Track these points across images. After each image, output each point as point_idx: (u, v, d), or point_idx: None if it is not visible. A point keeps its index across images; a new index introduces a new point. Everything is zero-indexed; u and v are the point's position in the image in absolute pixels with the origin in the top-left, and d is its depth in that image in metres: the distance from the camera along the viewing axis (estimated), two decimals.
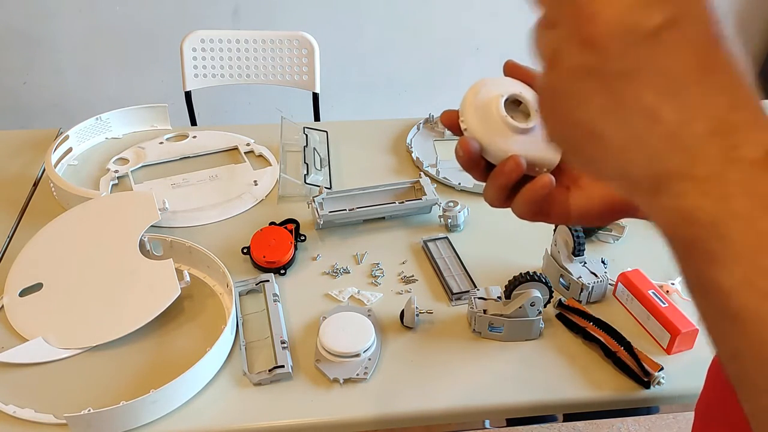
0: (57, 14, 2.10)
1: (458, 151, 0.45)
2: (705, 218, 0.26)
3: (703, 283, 0.26)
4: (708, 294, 0.26)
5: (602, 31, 0.26)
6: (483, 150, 0.45)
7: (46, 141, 1.26)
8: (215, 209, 1.10)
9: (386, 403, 0.78)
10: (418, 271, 0.97)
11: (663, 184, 0.27)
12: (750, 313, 0.25)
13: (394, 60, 2.36)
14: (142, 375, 0.81)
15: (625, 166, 0.28)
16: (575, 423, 1.74)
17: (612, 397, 0.79)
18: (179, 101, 1.72)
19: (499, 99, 0.45)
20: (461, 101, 0.47)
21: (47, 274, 0.93)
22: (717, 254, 0.25)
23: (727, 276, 0.25)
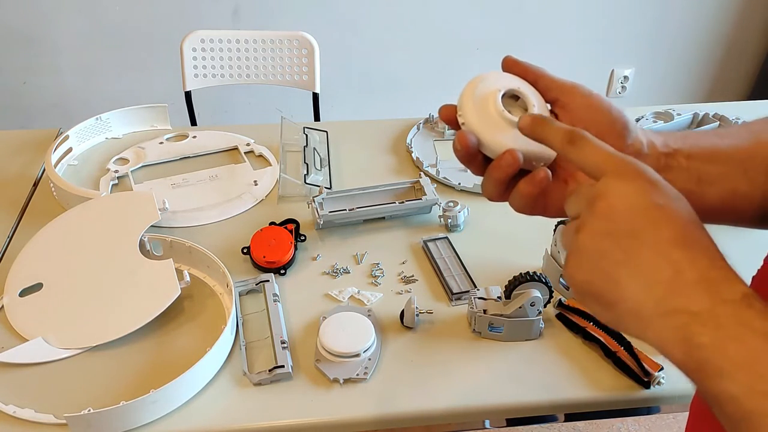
0: (57, 14, 2.10)
1: (456, 145, 0.46)
2: (708, 342, 0.34)
3: (715, 394, 0.34)
4: (721, 402, 0.34)
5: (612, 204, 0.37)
6: (480, 144, 0.46)
7: (46, 141, 1.26)
8: (215, 209, 1.10)
9: (386, 403, 0.78)
10: (418, 271, 0.97)
11: (669, 320, 0.35)
12: (757, 411, 0.32)
13: (394, 60, 2.36)
14: (142, 375, 0.81)
15: (636, 308, 0.36)
16: (575, 423, 1.74)
17: (612, 397, 0.79)
18: (179, 101, 1.72)
19: (497, 94, 0.46)
20: (459, 96, 0.47)
21: (47, 274, 0.93)
22: (723, 368, 0.33)
23: (733, 384, 0.33)
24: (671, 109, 1.32)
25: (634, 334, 0.37)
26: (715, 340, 0.34)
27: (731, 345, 0.33)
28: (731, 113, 1.29)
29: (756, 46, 2.52)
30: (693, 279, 0.35)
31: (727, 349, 0.33)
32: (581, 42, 2.41)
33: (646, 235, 0.36)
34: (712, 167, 0.47)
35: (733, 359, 0.33)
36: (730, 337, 0.33)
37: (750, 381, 0.33)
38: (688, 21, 2.42)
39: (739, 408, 0.33)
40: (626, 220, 0.36)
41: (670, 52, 2.50)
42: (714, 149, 0.48)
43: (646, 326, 0.36)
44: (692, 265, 0.35)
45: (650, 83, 2.56)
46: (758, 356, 0.33)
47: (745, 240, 0.56)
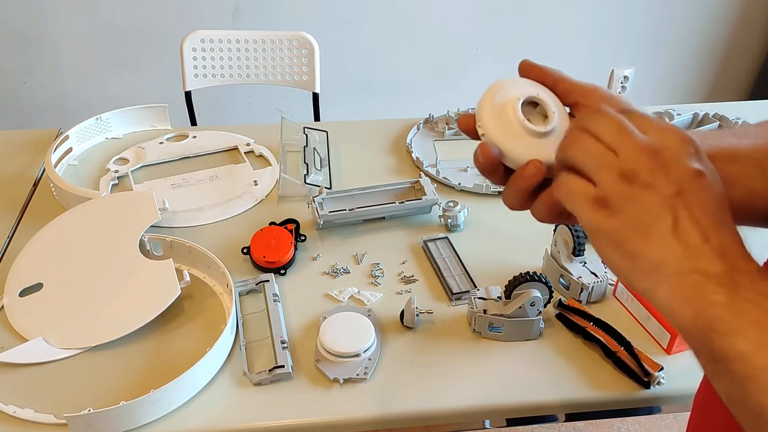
0: (57, 14, 2.10)
1: (478, 157, 0.45)
2: (722, 300, 0.35)
3: (723, 351, 0.35)
4: (728, 360, 0.34)
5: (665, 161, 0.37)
6: (502, 155, 0.44)
7: (46, 141, 1.26)
8: (215, 209, 1.09)
9: (386, 403, 0.78)
10: (418, 271, 0.97)
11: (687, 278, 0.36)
12: (766, 368, 0.33)
13: (394, 60, 2.36)
14: (142, 375, 0.81)
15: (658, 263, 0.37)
16: (575, 423, 1.74)
17: (612, 397, 0.79)
18: (179, 101, 1.72)
19: (516, 102, 0.44)
20: (477, 105, 0.46)
21: (47, 274, 0.93)
22: (735, 326, 0.34)
23: (744, 341, 0.34)
24: (671, 109, 1.32)
25: (645, 288, 0.38)
26: (730, 299, 0.35)
27: (745, 305, 0.35)
28: (731, 113, 1.29)
29: (756, 46, 2.52)
30: (716, 248, 0.36)
31: (740, 308, 0.35)
32: (581, 42, 2.41)
33: (690, 199, 0.37)
34: (731, 167, 0.47)
35: (746, 317, 0.34)
36: (745, 299, 0.35)
37: (761, 338, 0.34)
38: (688, 21, 2.42)
39: (747, 365, 0.34)
40: (676, 181, 0.37)
41: (670, 52, 2.50)
42: (733, 149, 0.48)
43: (662, 281, 0.37)
44: (717, 237, 0.36)
45: (650, 83, 2.56)
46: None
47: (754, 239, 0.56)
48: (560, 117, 0.46)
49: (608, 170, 0.38)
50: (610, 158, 0.38)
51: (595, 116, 0.39)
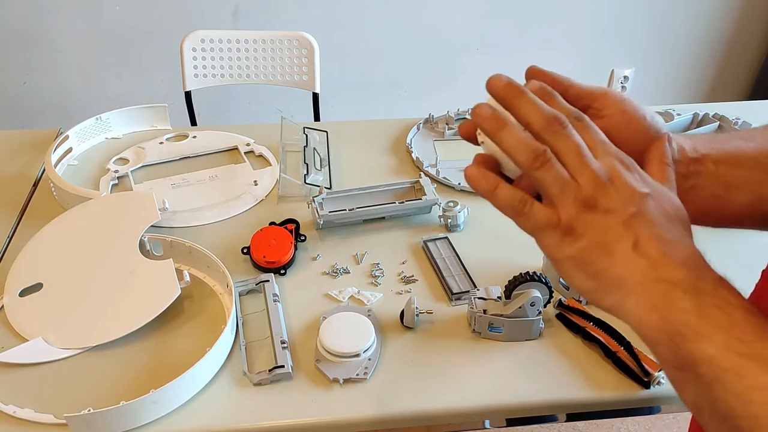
0: (57, 14, 2.10)
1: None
2: (689, 307, 0.36)
3: (691, 356, 0.36)
4: (696, 363, 0.36)
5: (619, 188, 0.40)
6: (500, 165, 0.45)
7: (46, 141, 1.26)
8: (215, 209, 1.09)
9: (386, 403, 0.78)
10: (418, 271, 0.97)
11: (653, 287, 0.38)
12: (732, 371, 0.34)
13: (394, 60, 2.36)
14: (142, 375, 0.81)
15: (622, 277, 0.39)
16: (575, 423, 1.74)
17: (612, 397, 0.79)
18: (179, 101, 1.73)
19: None
20: None
21: (47, 274, 0.93)
22: (702, 330, 0.35)
23: (711, 344, 0.35)
24: (671, 109, 1.32)
25: (611, 303, 0.40)
26: (696, 305, 0.36)
27: (711, 310, 0.36)
28: (731, 113, 1.29)
29: (756, 46, 2.52)
30: (678, 258, 0.38)
31: (706, 314, 0.36)
32: (581, 42, 2.41)
33: (645, 219, 0.39)
34: (738, 172, 0.47)
35: (712, 322, 0.36)
36: (710, 304, 0.36)
37: (728, 341, 0.35)
38: (688, 21, 2.42)
39: (715, 368, 0.35)
40: (631, 204, 0.39)
41: (670, 52, 2.50)
42: (740, 153, 0.48)
43: (628, 294, 0.39)
44: (676, 249, 0.39)
45: (650, 83, 2.56)
46: (736, 322, 0.35)
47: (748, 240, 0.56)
48: None
49: (572, 199, 0.40)
50: (572, 186, 0.40)
51: (558, 137, 0.41)
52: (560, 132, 0.40)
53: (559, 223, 0.40)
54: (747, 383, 0.34)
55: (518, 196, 0.42)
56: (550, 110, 0.41)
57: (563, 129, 0.40)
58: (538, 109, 0.41)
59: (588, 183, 0.40)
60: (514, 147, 0.41)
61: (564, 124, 0.40)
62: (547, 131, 0.41)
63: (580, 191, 0.40)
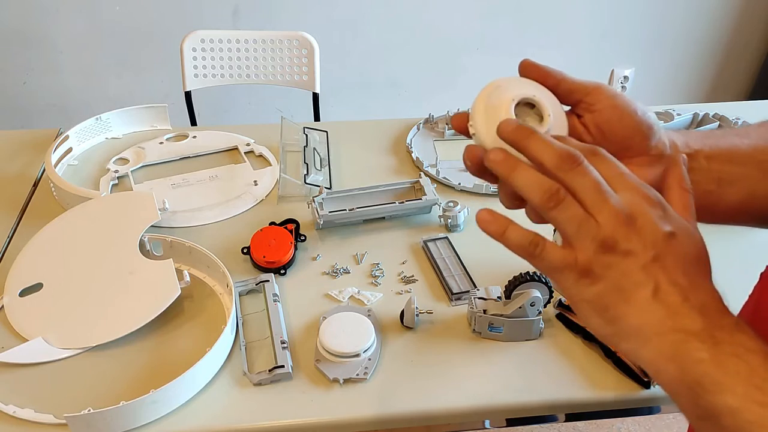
0: (57, 14, 2.10)
1: (465, 160, 0.45)
2: (707, 357, 0.36)
3: (713, 407, 0.35)
4: (719, 415, 0.35)
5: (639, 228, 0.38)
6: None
7: (46, 141, 1.26)
8: (215, 209, 1.09)
9: (386, 403, 0.78)
10: (418, 271, 0.97)
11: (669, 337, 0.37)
12: (757, 422, 0.34)
13: (394, 60, 2.36)
14: (142, 375, 0.81)
15: (640, 325, 0.38)
16: (575, 423, 1.74)
17: (612, 397, 0.79)
18: (179, 101, 1.73)
19: (510, 104, 0.43)
20: (472, 104, 0.45)
21: (47, 274, 0.93)
22: (722, 382, 0.35)
23: (732, 396, 0.34)
24: (671, 109, 1.32)
25: (629, 349, 0.39)
26: (714, 355, 0.36)
27: (729, 359, 0.35)
28: (731, 113, 1.29)
29: (756, 46, 2.52)
30: (696, 306, 0.37)
31: (725, 364, 0.35)
32: (581, 42, 2.41)
33: (667, 262, 0.38)
34: (731, 168, 0.47)
35: (731, 373, 0.35)
36: (728, 353, 0.36)
37: (748, 392, 0.34)
38: (688, 21, 2.42)
39: (738, 419, 0.34)
40: (652, 246, 0.38)
41: (670, 52, 2.50)
42: (734, 149, 0.48)
43: (645, 343, 0.38)
44: (695, 295, 0.38)
45: (650, 83, 2.56)
46: (755, 370, 0.35)
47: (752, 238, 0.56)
48: (556, 119, 0.45)
49: (590, 239, 0.38)
50: (591, 226, 0.38)
51: (572, 174, 0.39)
52: (575, 169, 0.39)
53: (575, 264, 0.39)
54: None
55: (529, 238, 0.40)
56: (563, 147, 0.39)
57: (578, 165, 0.39)
58: (550, 146, 0.39)
59: (607, 222, 0.38)
60: (527, 187, 0.39)
61: (579, 161, 0.39)
62: (561, 169, 0.39)
63: (599, 231, 0.38)
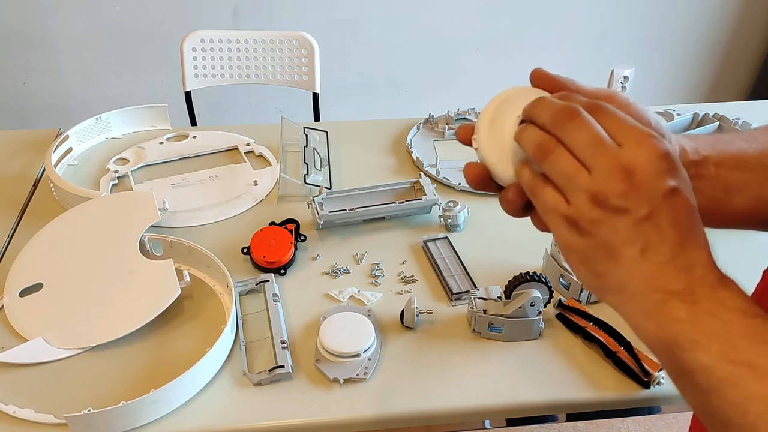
0: (57, 14, 2.10)
1: (466, 177, 0.45)
2: (684, 316, 0.36)
3: (687, 365, 0.36)
4: (692, 373, 0.36)
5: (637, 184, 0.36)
6: (491, 172, 0.44)
7: (46, 141, 1.26)
8: (215, 209, 1.10)
9: (386, 403, 0.78)
10: (418, 271, 0.97)
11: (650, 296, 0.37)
12: (728, 380, 0.34)
13: (394, 60, 2.36)
14: (142, 375, 0.81)
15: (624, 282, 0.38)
16: (575, 423, 1.74)
17: (612, 397, 0.79)
18: (179, 101, 1.73)
19: (516, 121, 0.43)
20: (479, 115, 0.45)
21: (47, 274, 0.93)
22: (697, 340, 0.35)
23: (706, 354, 0.35)
24: (671, 109, 1.32)
25: (612, 303, 0.40)
26: (691, 314, 0.36)
27: (706, 319, 0.36)
28: (731, 113, 1.29)
29: (756, 46, 2.52)
30: (683, 265, 0.37)
31: (701, 322, 0.36)
32: (581, 42, 2.41)
33: (661, 218, 0.37)
34: (739, 174, 0.47)
35: (707, 331, 0.35)
36: (705, 311, 0.36)
37: (722, 350, 0.35)
38: (688, 21, 2.42)
39: (711, 377, 0.35)
40: (647, 203, 0.36)
41: (670, 52, 2.50)
42: (741, 155, 0.48)
43: (627, 300, 0.38)
44: (686, 252, 0.37)
45: (650, 83, 2.56)
46: (730, 329, 0.35)
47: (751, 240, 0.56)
48: None
49: (579, 191, 0.38)
50: (582, 178, 0.37)
51: (567, 128, 0.38)
52: (570, 123, 0.38)
53: (566, 212, 0.38)
54: (743, 392, 0.34)
55: (535, 179, 0.40)
56: (562, 103, 0.39)
57: (572, 119, 0.38)
58: (549, 105, 0.39)
59: (600, 176, 0.37)
60: (525, 142, 0.40)
61: (574, 114, 0.38)
62: (555, 124, 0.38)
63: (590, 185, 0.37)
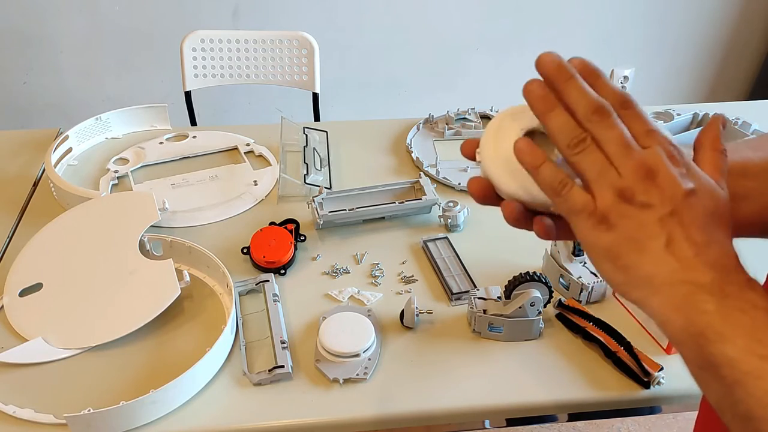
0: (57, 14, 2.10)
1: (470, 191, 0.46)
2: (712, 309, 0.36)
3: (713, 357, 0.36)
4: (718, 365, 0.36)
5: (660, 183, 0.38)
6: (495, 186, 0.44)
7: (46, 141, 1.27)
8: (215, 209, 1.09)
9: (386, 403, 0.78)
10: (418, 271, 0.97)
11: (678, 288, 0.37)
12: (753, 373, 0.35)
13: (394, 60, 2.36)
14: (142, 375, 0.81)
15: (651, 275, 0.38)
16: (575, 423, 1.74)
17: (612, 397, 0.79)
18: (179, 101, 1.73)
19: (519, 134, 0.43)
20: (485, 130, 0.45)
21: (47, 274, 0.93)
22: (724, 333, 0.36)
23: (732, 347, 0.35)
24: (671, 109, 1.32)
25: (638, 298, 0.40)
26: (720, 307, 0.36)
27: (734, 313, 0.36)
28: (731, 113, 1.29)
29: (756, 46, 2.52)
30: (708, 261, 0.38)
31: (729, 316, 0.36)
32: (581, 42, 2.41)
33: (684, 217, 0.38)
34: (745, 182, 0.47)
35: (735, 324, 0.36)
36: (734, 307, 0.36)
37: (748, 344, 0.35)
38: (688, 21, 2.42)
39: (736, 370, 0.35)
40: (670, 201, 0.38)
41: (670, 52, 2.50)
42: (747, 163, 0.48)
43: (655, 292, 0.38)
44: (709, 250, 0.38)
45: (650, 83, 2.56)
46: (758, 325, 0.35)
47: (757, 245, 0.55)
48: None
49: (608, 186, 0.39)
50: (611, 174, 0.39)
51: (600, 126, 0.40)
52: (604, 121, 0.39)
53: (594, 210, 0.39)
54: (766, 386, 0.34)
55: (559, 177, 0.41)
56: (596, 99, 0.40)
57: (607, 118, 0.39)
58: (585, 96, 0.40)
59: (628, 173, 0.39)
60: (559, 129, 0.40)
61: (608, 114, 0.40)
62: (591, 120, 0.40)
63: (619, 181, 0.39)
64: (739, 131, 1.24)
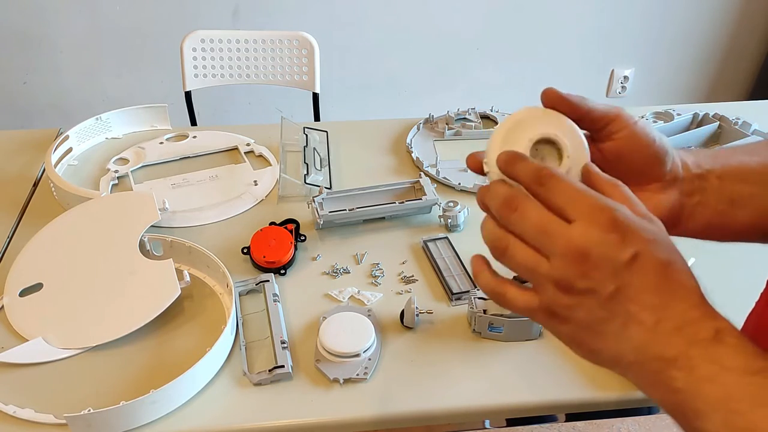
0: (57, 14, 2.10)
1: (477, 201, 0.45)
2: (682, 386, 0.35)
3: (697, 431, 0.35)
4: None
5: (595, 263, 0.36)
6: None
7: (46, 141, 1.27)
8: (215, 209, 1.10)
9: (386, 403, 0.78)
10: (418, 271, 0.97)
11: (646, 366, 0.37)
12: None
13: (394, 60, 2.36)
14: (142, 375, 0.81)
15: (617, 356, 0.38)
16: (575, 423, 1.74)
17: (612, 397, 0.79)
18: (179, 101, 1.72)
19: (527, 144, 0.42)
20: (489, 138, 0.44)
21: (47, 274, 0.93)
22: (699, 409, 0.35)
23: (710, 423, 0.35)
24: (671, 109, 1.32)
25: (618, 373, 0.39)
26: (689, 383, 0.35)
27: (705, 386, 0.35)
28: (731, 113, 1.29)
29: (756, 46, 2.52)
30: (670, 327, 0.36)
31: (701, 391, 0.35)
32: (581, 42, 2.41)
33: (631, 290, 0.36)
34: (742, 187, 0.47)
35: (708, 400, 0.35)
36: (704, 378, 0.35)
37: (725, 418, 0.34)
38: (688, 21, 2.42)
39: None
40: (611, 278, 0.36)
41: (670, 52, 2.50)
42: (743, 168, 0.48)
43: (626, 370, 0.38)
44: (670, 311, 0.36)
45: (650, 83, 2.56)
46: (731, 393, 0.34)
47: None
48: (578, 153, 0.43)
49: (544, 281, 0.38)
50: (542, 268, 0.37)
51: (512, 221, 0.38)
52: (513, 215, 0.38)
53: (539, 307, 0.39)
54: None
55: (492, 287, 0.41)
56: (501, 193, 0.39)
57: (514, 211, 0.38)
58: (494, 195, 0.40)
59: (558, 263, 0.37)
60: (487, 239, 0.41)
61: (514, 206, 0.38)
62: (502, 218, 0.39)
63: (552, 272, 0.37)
64: (739, 131, 1.24)
